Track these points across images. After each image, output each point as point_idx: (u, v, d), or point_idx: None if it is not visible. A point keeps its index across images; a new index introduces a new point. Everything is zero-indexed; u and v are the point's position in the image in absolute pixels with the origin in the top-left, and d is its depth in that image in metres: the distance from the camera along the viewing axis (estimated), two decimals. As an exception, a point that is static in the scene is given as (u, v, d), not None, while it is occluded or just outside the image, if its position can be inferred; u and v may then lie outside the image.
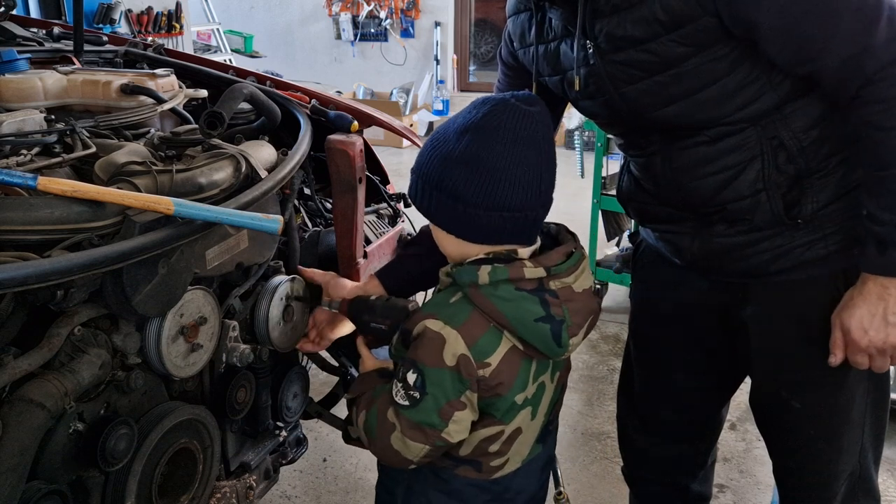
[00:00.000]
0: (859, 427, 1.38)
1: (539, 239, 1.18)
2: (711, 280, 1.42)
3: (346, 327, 1.48)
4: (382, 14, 8.28)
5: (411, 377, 1.09)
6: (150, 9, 6.33)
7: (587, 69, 1.29)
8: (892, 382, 2.55)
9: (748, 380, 1.52)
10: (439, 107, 8.08)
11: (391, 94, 8.19)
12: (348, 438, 1.37)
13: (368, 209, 1.94)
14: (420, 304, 2.04)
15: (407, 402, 1.10)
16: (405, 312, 1.25)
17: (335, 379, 1.96)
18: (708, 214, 1.33)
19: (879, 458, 1.45)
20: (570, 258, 1.13)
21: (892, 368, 2.10)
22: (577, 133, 3.90)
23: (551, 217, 1.19)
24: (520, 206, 1.08)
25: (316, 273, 1.53)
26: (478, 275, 1.08)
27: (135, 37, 2.98)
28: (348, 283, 1.47)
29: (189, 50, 6.51)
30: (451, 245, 1.16)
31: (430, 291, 1.98)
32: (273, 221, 1.18)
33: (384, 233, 1.92)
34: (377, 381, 1.23)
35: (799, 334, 1.34)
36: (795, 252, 1.29)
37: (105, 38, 2.11)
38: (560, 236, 1.21)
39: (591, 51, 1.26)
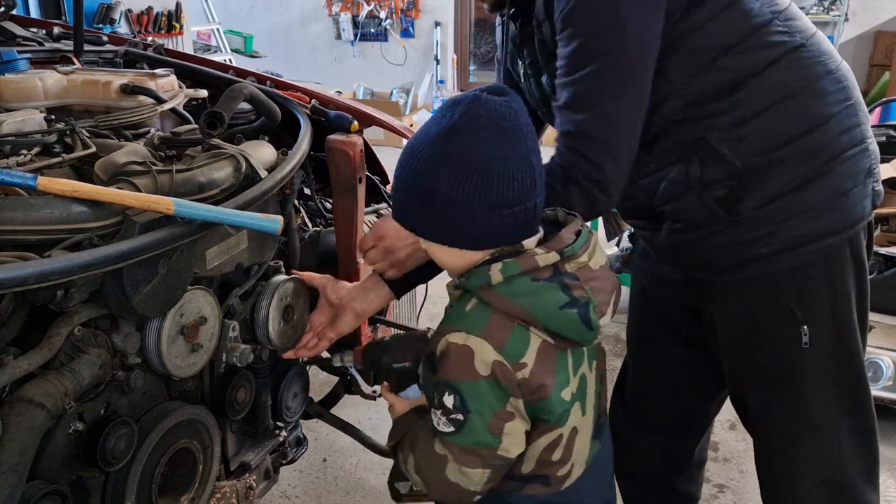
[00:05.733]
0: (831, 434, 1.34)
1: (541, 228, 1.11)
2: (682, 276, 1.44)
3: (347, 326, 1.46)
4: (382, 14, 8.28)
5: (449, 400, 1.02)
6: (150, 9, 6.33)
7: (525, 84, 1.39)
8: (891, 382, 2.54)
9: None
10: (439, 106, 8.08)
11: (391, 94, 8.18)
12: (397, 496, 1.28)
13: (368, 209, 1.94)
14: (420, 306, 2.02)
15: (452, 428, 1.03)
16: (425, 340, 1.19)
17: (335, 379, 1.96)
18: (656, 214, 1.35)
19: (872, 470, 1.38)
20: (579, 237, 1.08)
21: (891, 368, 2.04)
22: (577, 133, 3.89)
23: None
24: (518, 199, 1.01)
25: (313, 276, 1.51)
26: (489, 275, 1.01)
27: (135, 37, 2.98)
28: (347, 285, 1.46)
29: (189, 50, 6.51)
30: (453, 259, 1.08)
31: (425, 291, 1.96)
32: (273, 221, 1.18)
33: (384, 233, 1.92)
34: (415, 419, 1.17)
35: (750, 333, 1.34)
36: (740, 248, 1.28)
37: (105, 38, 2.11)
38: (562, 218, 1.15)
39: (522, 70, 1.37)
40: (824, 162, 1.22)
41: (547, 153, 1.14)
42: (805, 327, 1.28)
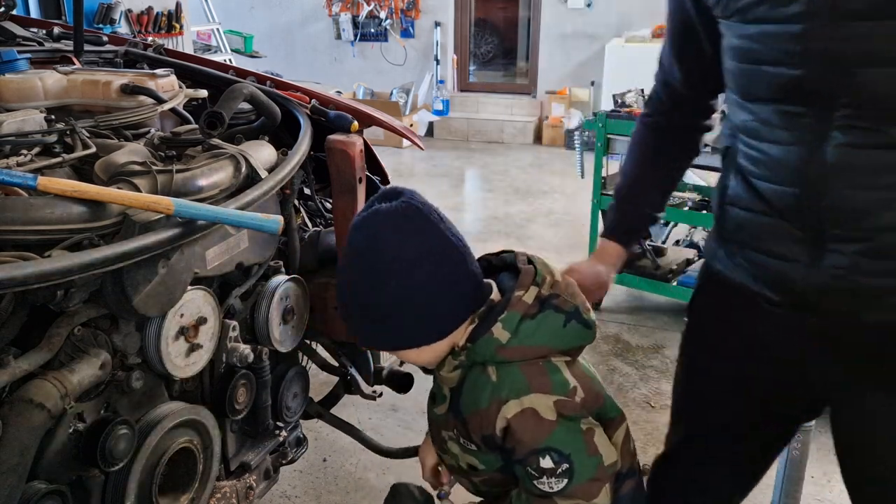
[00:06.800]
0: None
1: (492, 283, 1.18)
2: (815, 328, 1.07)
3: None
4: (382, 14, 8.27)
5: (546, 462, 1.05)
6: (150, 9, 6.33)
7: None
8: None
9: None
10: (439, 107, 8.07)
11: (391, 94, 8.18)
12: None
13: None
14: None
15: (566, 479, 1.05)
16: (407, 499, 1.22)
17: (335, 379, 1.96)
18: (846, 240, 0.99)
19: None
20: (534, 263, 1.14)
21: None
22: (577, 133, 3.90)
23: (554, 217, 1.18)
24: (457, 277, 1.08)
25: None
26: (496, 337, 1.07)
27: (135, 37, 2.98)
28: (581, 268, 1.35)
29: (189, 50, 6.51)
30: (425, 355, 1.13)
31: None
32: (273, 221, 1.18)
33: (384, 233, 1.91)
34: None
35: None
36: None
37: (105, 38, 2.11)
38: (501, 257, 1.21)
39: None
40: None
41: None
42: None
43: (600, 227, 3.59)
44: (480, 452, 1.13)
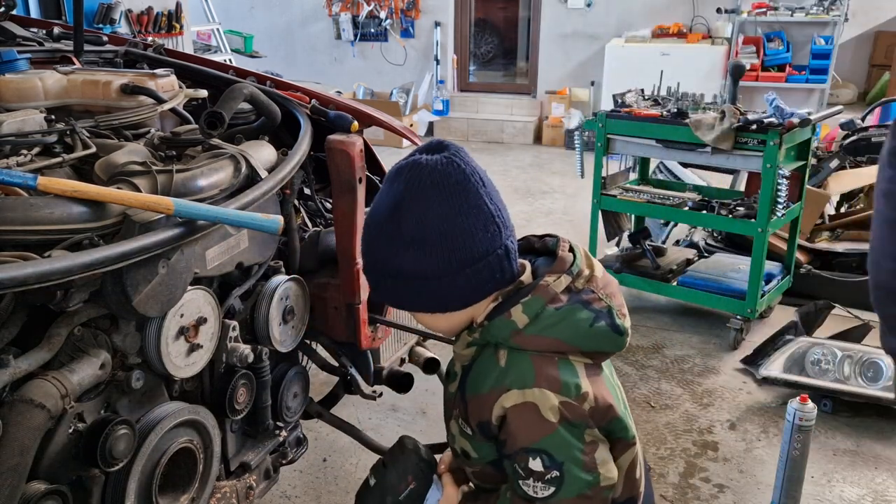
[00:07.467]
0: None
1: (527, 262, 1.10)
2: None
3: None
4: (382, 14, 8.28)
5: (536, 463, 0.98)
6: (150, 9, 6.33)
7: None
8: (891, 382, 2.53)
9: (740, 385, 1.33)
10: (439, 107, 8.07)
11: (391, 94, 8.19)
12: None
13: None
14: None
15: (552, 488, 0.98)
16: (410, 453, 1.16)
17: (335, 379, 1.96)
18: None
19: None
20: (574, 252, 1.07)
21: (891, 368, 1.58)
22: (577, 133, 3.90)
23: (554, 217, 1.15)
24: (485, 249, 1.00)
25: None
26: (513, 321, 1.00)
27: (135, 37, 2.98)
28: None
29: (189, 50, 6.51)
30: (442, 323, 1.07)
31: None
32: (273, 221, 1.18)
33: (384, 233, 1.92)
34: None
35: None
36: None
37: (105, 38, 2.11)
38: (544, 240, 1.14)
39: None
40: None
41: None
42: None
43: (600, 227, 3.61)
44: (474, 439, 1.09)
